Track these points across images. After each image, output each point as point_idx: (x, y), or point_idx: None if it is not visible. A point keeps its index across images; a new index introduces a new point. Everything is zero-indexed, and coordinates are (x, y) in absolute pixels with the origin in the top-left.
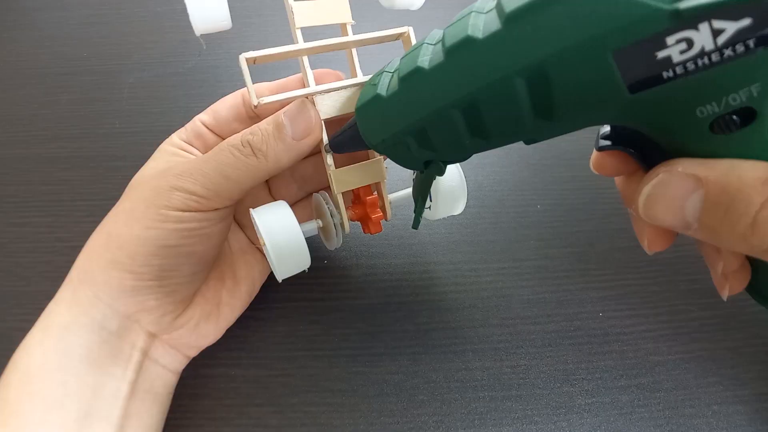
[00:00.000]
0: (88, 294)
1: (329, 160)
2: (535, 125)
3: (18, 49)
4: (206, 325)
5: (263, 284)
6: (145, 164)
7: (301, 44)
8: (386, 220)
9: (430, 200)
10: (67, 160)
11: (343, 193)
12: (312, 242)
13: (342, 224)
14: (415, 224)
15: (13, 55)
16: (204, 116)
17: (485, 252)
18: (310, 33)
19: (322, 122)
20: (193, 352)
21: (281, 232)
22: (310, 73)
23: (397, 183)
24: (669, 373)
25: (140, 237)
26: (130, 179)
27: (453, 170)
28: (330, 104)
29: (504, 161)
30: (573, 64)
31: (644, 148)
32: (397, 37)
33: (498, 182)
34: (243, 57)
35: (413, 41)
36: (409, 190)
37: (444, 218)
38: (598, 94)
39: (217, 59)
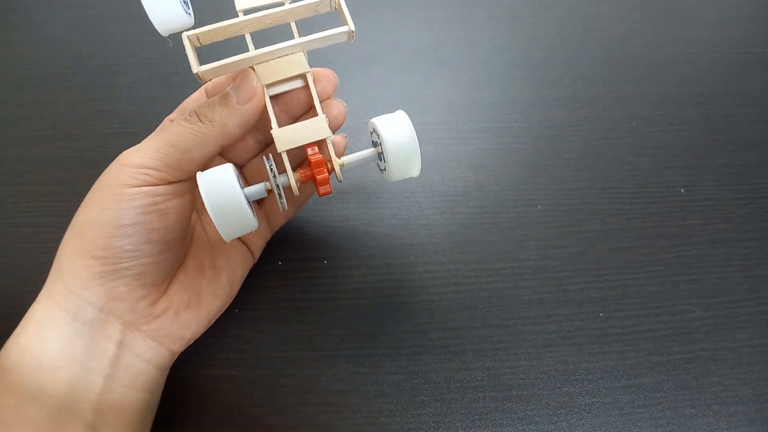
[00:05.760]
0: (60, 288)
1: (273, 121)
2: None
3: (18, 49)
4: (186, 315)
5: (263, 284)
6: None
7: (240, 18)
8: (339, 181)
9: (384, 161)
10: (67, 160)
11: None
12: (313, 241)
13: (290, 185)
14: None
15: (13, 55)
16: (173, 116)
17: (485, 252)
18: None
19: (264, 87)
20: (178, 346)
21: (219, 191)
22: (252, 49)
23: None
24: (669, 373)
25: (98, 220)
26: None
27: (403, 128)
28: (272, 69)
29: (504, 161)
30: None
31: None
32: (333, 6)
33: (498, 182)
34: (185, 35)
35: (344, 7)
36: (365, 152)
37: (443, 218)
38: None
39: (216, 59)
